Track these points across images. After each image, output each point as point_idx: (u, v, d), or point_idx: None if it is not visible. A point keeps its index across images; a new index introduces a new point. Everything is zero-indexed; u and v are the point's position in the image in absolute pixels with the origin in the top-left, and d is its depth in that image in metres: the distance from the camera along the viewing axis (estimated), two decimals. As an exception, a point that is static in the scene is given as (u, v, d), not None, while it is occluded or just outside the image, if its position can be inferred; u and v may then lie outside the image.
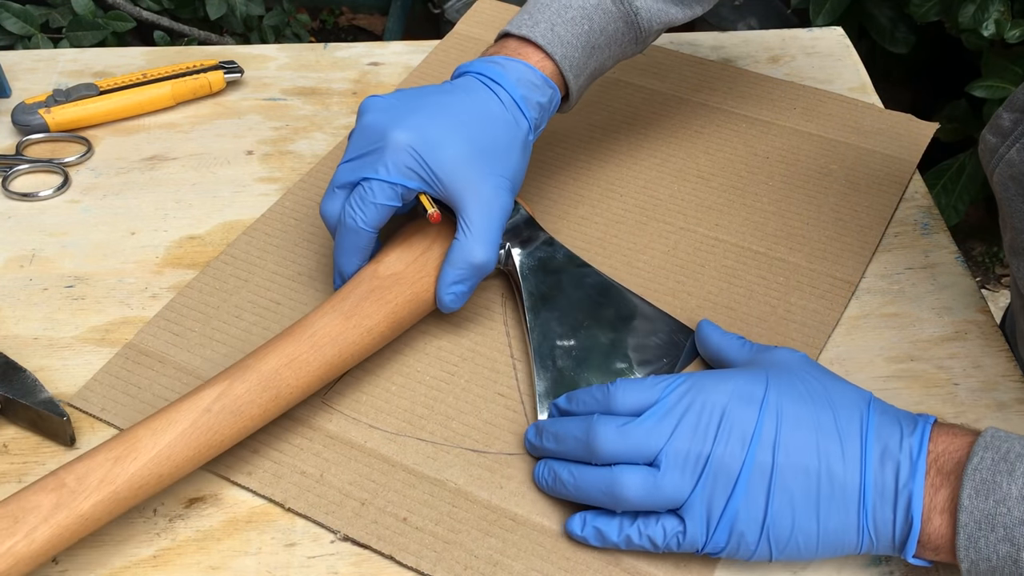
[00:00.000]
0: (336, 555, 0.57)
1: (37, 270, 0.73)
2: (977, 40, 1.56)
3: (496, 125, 0.66)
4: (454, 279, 0.64)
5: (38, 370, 0.66)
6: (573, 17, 0.69)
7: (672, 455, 0.54)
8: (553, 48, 0.68)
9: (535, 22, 0.69)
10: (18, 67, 0.91)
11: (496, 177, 0.65)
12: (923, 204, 0.80)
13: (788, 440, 0.54)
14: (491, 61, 0.68)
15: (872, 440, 0.54)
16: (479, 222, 0.64)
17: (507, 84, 0.67)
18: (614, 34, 0.71)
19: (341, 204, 0.65)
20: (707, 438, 0.54)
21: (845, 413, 0.55)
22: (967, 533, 0.50)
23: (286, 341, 0.60)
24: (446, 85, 0.68)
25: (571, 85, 0.70)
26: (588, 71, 0.71)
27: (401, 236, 0.68)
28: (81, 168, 0.82)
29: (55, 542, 0.52)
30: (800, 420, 0.54)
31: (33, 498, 0.52)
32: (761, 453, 0.53)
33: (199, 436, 0.56)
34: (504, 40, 0.71)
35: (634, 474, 0.54)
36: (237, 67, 0.89)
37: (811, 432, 0.54)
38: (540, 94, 0.68)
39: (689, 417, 0.54)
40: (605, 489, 0.55)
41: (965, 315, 0.71)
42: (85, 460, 0.54)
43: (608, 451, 0.55)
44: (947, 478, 0.52)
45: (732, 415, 0.54)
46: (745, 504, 0.53)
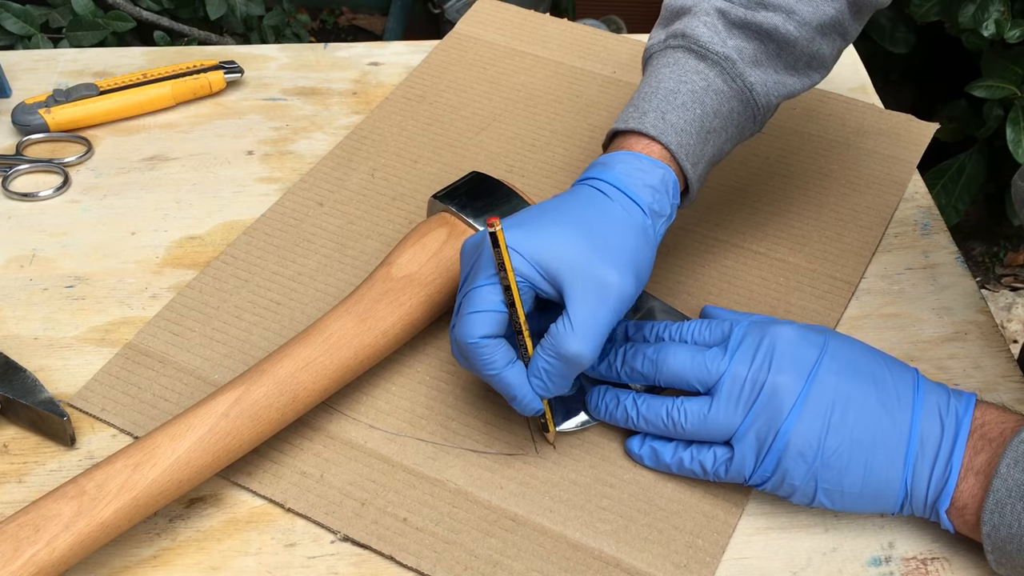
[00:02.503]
0: (336, 555, 0.57)
1: (37, 270, 0.73)
2: (977, 40, 1.56)
3: (603, 215, 0.59)
4: (543, 368, 0.57)
5: (38, 370, 0.66)
6: (683, 103, 0.63)
7: (729, 382, 0.56)
8: (667, 137, 0.62)
9: (642, 113, 0.63)
10: (18, 67, 0.91)
11: (604, 265, 0.57)
12: (923, 204, 0.80)
13: (845, 382, 0.56)
14: (596, 164, 0.63)
15: (922, 397, 0.56)
16: (580, 310, 0.56)
17: (610, 178, 0.61)
18: (729, 115, 0.65)
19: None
20: (765, 367, 0.56)
21: (898, 372, 0.57)
22: (996, 498, 0.52)
23: (301, 345, 0.61)
24: (554, 197, 0.62)
25: (689, 174, 0.63)
26: (706, 158, 0.65)
27: (413, 237, 0.67)
28: (81, 168, 0.82)
29: (76, 550, 0.52)
30: (858, 367, 0.57)
31: (54, 506, 0.52)
32: (818, 388, 0.55)
33: (217, 441, 0.56)
34: (613, 140, 0.65)
35: (691, 403, 0.57)
36: (237, 67, 0.89)
37: (868, 380, 0.56)
38: (650, 176, 0.61)
39: (749, 347, 0.57)
40: (666, 417, 0.58)
41: (965, 315, 0.71)
42: (104, 467, 0.54)
43: (674, 371, 0.58)
44: (989, 444, 0.54)
45: (794, 350, 0.57)
46: (796, 436, 0.55)
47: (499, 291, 0.57)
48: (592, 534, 0.58)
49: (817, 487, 0.55)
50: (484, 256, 0.58)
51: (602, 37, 0.96)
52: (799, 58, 0.67)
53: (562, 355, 0.56)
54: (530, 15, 0.98)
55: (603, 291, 0.56)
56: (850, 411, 0.55)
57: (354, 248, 0.75)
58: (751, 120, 0.67)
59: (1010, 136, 1.50)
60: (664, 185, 0.62)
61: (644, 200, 0.61)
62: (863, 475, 0.55)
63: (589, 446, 0.62)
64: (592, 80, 0.91)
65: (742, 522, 0.59)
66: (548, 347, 0.56)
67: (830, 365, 0.57)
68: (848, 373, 0.57)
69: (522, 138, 0.85)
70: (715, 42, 0.64)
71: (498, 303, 0.57)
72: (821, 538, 0.59)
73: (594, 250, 0.57)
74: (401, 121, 0.86)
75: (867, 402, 0.56)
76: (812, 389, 0.56)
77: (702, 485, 0.60)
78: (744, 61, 0.64)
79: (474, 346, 0.56)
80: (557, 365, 0.56)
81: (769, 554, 0.58)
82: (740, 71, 0.64)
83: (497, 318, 0.57)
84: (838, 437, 0.55)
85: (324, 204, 0.78)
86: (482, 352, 0.56)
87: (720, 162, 0.68)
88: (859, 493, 0.55)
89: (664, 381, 0.59)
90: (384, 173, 0.81)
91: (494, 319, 0.57)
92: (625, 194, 0.60)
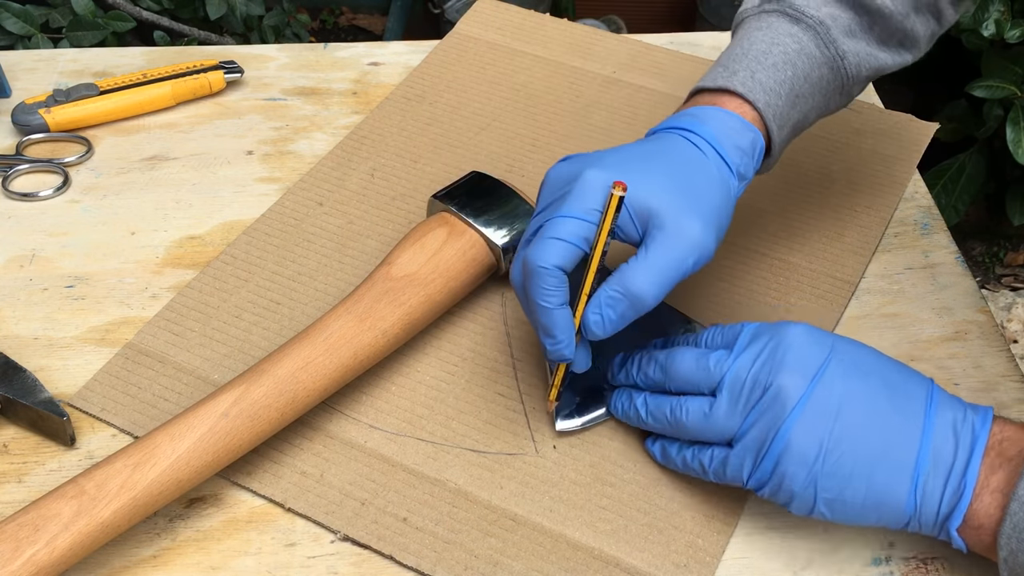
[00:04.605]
0: (336, 555, 0.57)
1: (37, 270, 0.73)
2: (977, 40, 1.56)
3: (693, 166, 0.59)
4: (604, 301, 0.56)
5: (38, 370, 0.66)
6: (774, 63, 0.63)
7: (731, 382, 0.55)
8: (755, 95, 0.62)
9: (731, 72, 0.63)
10: (18, 67, 0.91)
11: (691, 215, 0.56)
12: (923, 204, 0.80)
13: (854, 385, 0.54)
14: (685, 114, 0.62)
15: (936, 408, 0.53)
16: (658, 253, 0.56)
17: (703, 131, 0.60)
18: (819, 82, 0.64)
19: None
20: (769, 367, 0.54)
21: (913, 381, 0.55)
22: (1013, 522, 0.50)
23: (301, 344, 0.61)
24: (637, 141, 0.62)
25: (774, 136, 0.62)
26: (791, 122, 0.64)
27: (413, 237, 0.67)
28: (81, 168, 0.82)
29: (76, 550, 0.52)
30: (869, 370, 0.55)
31: (53, 506, 0.52)
32: (822, 390, 0.53)
33: (217, 441, 0.56)
34: (697, 96, 0.64)
35: (693, 402, 0.56)
36: (237, 67, 0.89)
37: (879, 384, 0.54)
38: (741, 138, 0.61)
39: (755, 348, 0.56)
40: (669, 415, 0.58)
41: (965, 315, 0.71)
42: (104, 467, 0.54)
43: (680, 373, 0.57)
44: (1008, 462, 0.52)
45: (801, 350, 0.55)
46: (797, 439, 0.53)
47: (589, 229, 0.56)
48: (592, 534, 0.58)
49: (817, 495, 0.53)
50: (581, 191, 0.57)
51: (602, 37, 0.96)
52: (892, 34, 0.66)
53: (629, 290, 0.55)
54: (530, 15, 0.98)
55: (685, 240, 0.56)
56: (857, 416, 0.53)
57: (354, 248, 0.75)
58: (839, 90, 0.66)
59: (1010, 136, 1.50)
60: (752, 149, 0.61)
61: (733, 161, 0.60)
62: (867, 485, 0.52)
63: (589, 446, 0.62)
64: (592, 80, 0.91)
65: (742, 522, 0.59)
66: (616, 281, 0.56)
67: (838, 367, 0.54)
68: (857, 376, 0.54)
69: (522, 138, 0.85)
70: (810, 6, 0.64)
71: (582, 240, 0.56)
72: (821, 538, 0.59)
73: (685, 199, 0.57)
74: (401, 121, 0.86)
75: (876, 408, 0.53)
76: (817, 390, 0.53)
77: (702, 485, 0.60)
78: (838, 28, 0.64)
79: (544, 272, 0.56)
80: (621, 301, 0.56)
81: (769, 554, 0.58)
82: (834, 37, 0.63)
83: (575, 253, 0.56)
84: (842, 443, 0.53)
85: (324, 204, 0.78)
86: (547, 281, 0.56)
87: (799, 133, 0.67)
88: (862, 504, 0.53)
89: (673, 385, 0.58)
90: (384, 173, 0.81)
91: (572, 253, 0.56)
92: (716, 151, 0.60)
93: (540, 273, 0.56)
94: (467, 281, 0.67)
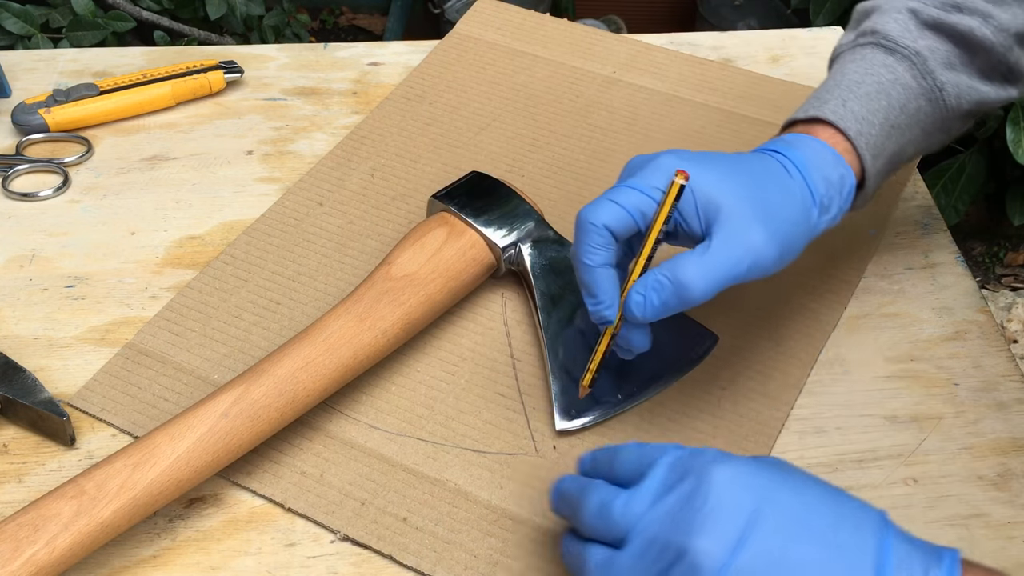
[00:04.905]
0: (336, 555, 0.57)
1: (37, 270, 0.73)
2: (977, 40, 1.56)
3: (773, 180, 0.57)
4: (651, 284, 0.55)
5: (38, 370, 0.66)
6: (867, 92, 0.61)
7: (637, 542, 0.46)
8: (846, 123, 0.60)
9: (823, 101, 0.62)
10: (18, 67, 0.91)
11: (757, 221, 0.55)
12: (923, 204, 0.80)
13: (790, 552, 0.43)
14: (776, 140, 0.61)
15: (891, 561, 0.43)
16: (717, 252, 0.54)
17: (792, 155, 0.59)
18: (916, 113, 0.62)
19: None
20: (683, 525, 0.44)
21: (864, 531, 0.44)
22: None
23: (301, 344, 0.61)
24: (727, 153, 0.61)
25: (867, 166, 0.61)
26: (887, 153, 0.62)
27: (413, 237, 0.67)
28: (81, 168, 0.82)
29: (76, 550, 0.52)
30: (810, 528, 0.44)
31: (53, 505, 0.52)
32: (747, 558, 0.43)
33: (217, 441, 0.56)
34: (789, 128, 0.63)
35: (596, 552, 0.48)
36: (237, 67, 0.89)
37: (820, 547, 0.43)
38: (830, 170, 0.59)
39: (669, 498, 0.46)
40: (575, 563, 0.50)
41: (965, 315, 0.71)
42: (104, 467, 0.54)
43: (587, 526, 0.49)
44: None
45: (723, 501, 0.44)
46: None
47: (647, 204, 0.56)
48: (592, 534, 0.58)
49: None
50: (651, 169, 0.57)
51: (602, 37, 0.96)
52: (995, 67, 0.64)
53: (677, 279, 0.54)
54: (530, 15, 0.98)
55: (745, 247, 0.55)
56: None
57: (354, 248, 0.75)
58: (939, 124, 0.63)
59: (1010, 136, 1.50)
60: (840, 183, 0.59)
61: (818, 190, 0.58)
62: None
63: (589, 446, 0.62)
64: (592, 80, 0.91)
65: (742, 522, 0.59)
66: (667, 267, 0.54)
67: (770, 524, 0.43)
68: (795, 536, 0.43)
69: (522, 138, 0.85)
70: (906, 38, 0.62)
71: (638, 211, 0.56)
72: (821, 538, 0.58)
73: (755, 206, 0.55)
74: (401, 121, 0.86)
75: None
76: (740, 559, 0.43)
77: (702, 485, 0.60)
78: (936, 60, 0.62)
79: (592, 228, 0.56)
80: (667, 286, 0.54)
81: (769, 554, 0.58)
82: (931, 68, 0.62)
83: (627, 220, 0.56)
84: None
85: (324, 204, 0.78)
86: (594, 238, 0.56)
87: (897, 168, 0.64)
88: None
89: (582, 529, 0.50)
90: (384, 173, 0.81)
91: (624, 218, 0.56)
92: (802, 176, 0.58)
93: (588, 229, 0.56)
94: (467, 281, 0.67)
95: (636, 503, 0.47)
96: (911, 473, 0.62)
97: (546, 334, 0.66)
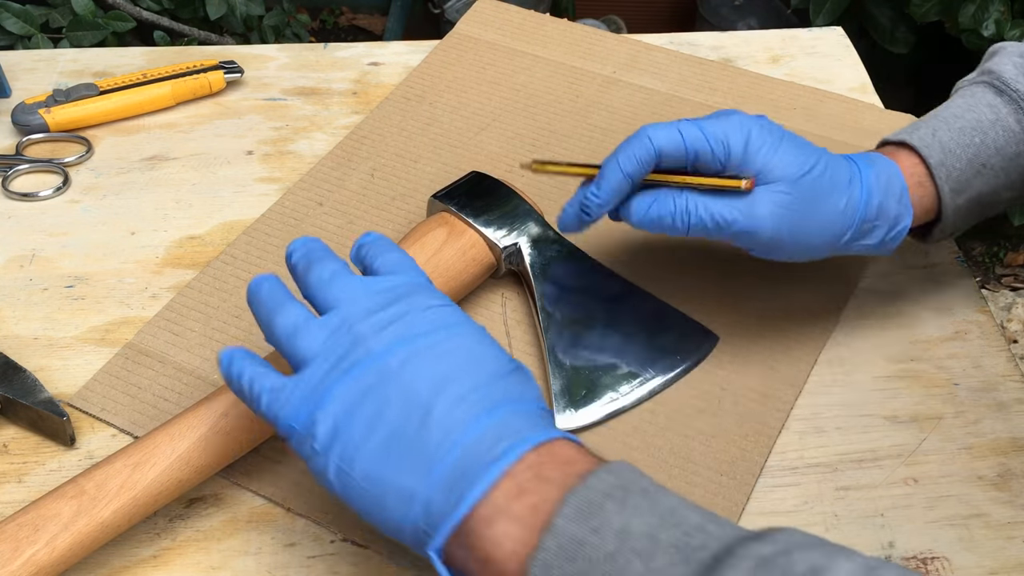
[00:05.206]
0: (336, 555, 0.57)
1: (37, 270, 0.73)
2: (977, 40, 1.56)
3: (831, 183, 0.59)
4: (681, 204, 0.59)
5: (38, 370, 0.66)
6: (962, 127, 0.61)
7: (337, 314, 0.50)
8: (929, 152, 0.60)
9: (916, 128, 0.62)
10: (18, 67, 0.91)
11: (775, 205, 0.58)
12: (923, 204, 0.80)
13: (421, 364, 0.47)
14: (863, 154, 0.62)
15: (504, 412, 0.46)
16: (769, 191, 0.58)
17: (864, 171, 0.60)
18: (1015, 158, 0.61)
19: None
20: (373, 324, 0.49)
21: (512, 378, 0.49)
22: (544, 559, 0.41)
23: None
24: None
25: (945, 199, 0.61)
26: (971, 192, 0.61)
27: (413, 237, 0.67)
28: (81, 168, 0.82)
29: (76, 550, 0.52)
30: (448, 352, 0.48)
31: (53, 505, 0.52)
32: (395, 357, 0.47)
33: (217, 441, 0.56)
34: (880, 148, 0.65)
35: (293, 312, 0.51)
36: (237, 67, 0.89)
37: (449, 365, 0.47)
38: (891, 201, 0.60)
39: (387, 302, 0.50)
40: (267, 311, 0.51)
41: (965, 315, 0.71)
42: (104, 467, 0.54)
43: (274, 341, 0.51)
44: (546, 484, 0.44)
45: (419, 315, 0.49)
46: (341, 396, 0.47)
47: (707, 153, 0.58)
48: (592, 534, 0.58)
49: (330, 467, 0.47)
50: (737, 128, 0.58)
51: (602, 37, 0.96)
52: None
53: (731, 217, 0.58)
54: (530, 15, 0.98)
55: (743, 211, 0.58)
56: (407, 401, 0.46)
57: (354, 248, 0.74)
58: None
59: (1010, 136, 1.50)
60: (895, 220, 0.61)
61: (867, 213, 0.60)
62: (393, 484, 0.45)
63: (589, 445, 0.62)
64: (592, 80, 0.91)
65: (742, 522, 0.59)
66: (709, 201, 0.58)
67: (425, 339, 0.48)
68: (433, 354, 0.48)
69: (522, 138, 0.85)
70: (1019, 81, 0.62)
71: (694, 152, 0.58)
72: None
73: (790, 198, 0.58)
74: (401, 121, 0.86)
75: (425, 395, 0.46)
76: (393, 355, 0.47)
77: (701, 486, 0.60)
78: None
79: (646, 144, 0.58)
80: (733, 213, 0.58)
81: (769, 554, 0.58)
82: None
83: (680, 155, 0.58)
84: (377, 420, 0.46)
85: (324, 204, 0.78)
86: (640, 152, 0.58)
87: (990, 212, 0.64)
88: (379, 502, 0.45)
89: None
90: (384, 173, 0.81)
91: (679, 153, 0.58)
92: (862, 193, 0.59)
93: (643, 143, 0.58)
94: (467, 281, 0.67)
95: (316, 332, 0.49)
96: (911, 473, 0.62)
97: (546, 334, 0.66)
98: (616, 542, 0.40)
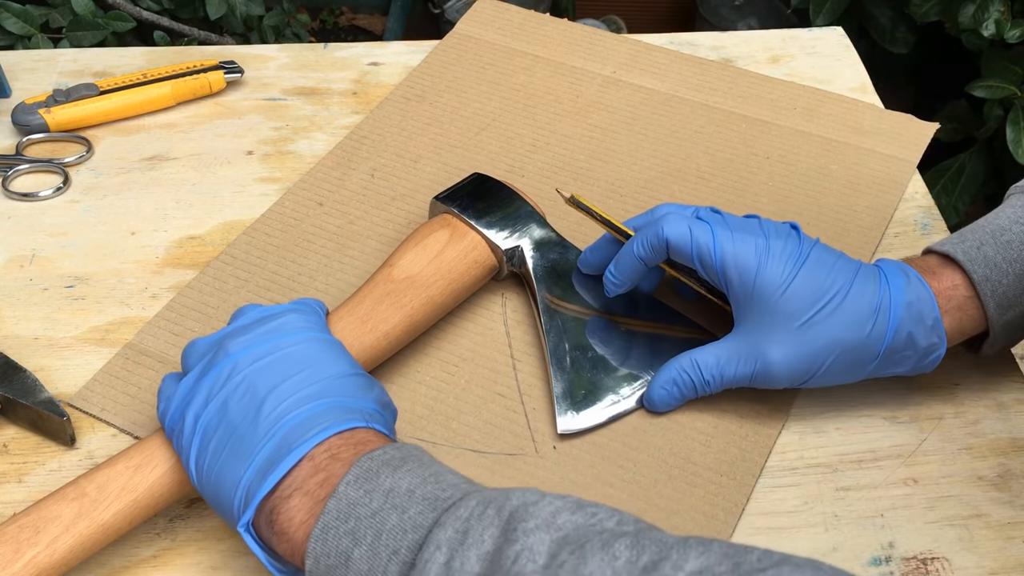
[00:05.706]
0: (336, 555, 0.57)
1: (37, 270, 0.73)
2: (977, 40, 1.56)
3: (856, 296, 0.58)
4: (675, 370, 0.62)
5: (38, 370, 0.66)
6: (1009, 240, 0.58)
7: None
8: (973, 266, 0.58)
9: (963, 239, 0.60)
10: (18, 67, 0.91)
11: (782, 345, 0.59)
12: (923, 204, 0.80)
13: (267, 366, 0.53)
14: (901, 269, 0.60)
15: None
16: (725, 345, 0.61)
17: (895, 286, 0.59)
18: None
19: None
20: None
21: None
22: (325, 522, 0.46)
23: None
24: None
25: (991, 315, 0.58)
26: (1021, 307, 0.59)
27: (415, 239, 0.67)
28: (81, 168, 0.82)
29: (77, 552, 0.52)
30: (291, 356, 0.53)
31: (54, 507, 0.52)
32: (247, 358, 0.53)
33: None
34: (925, 256, 0.63)
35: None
36: (237, 67, 0.89)
37: (291, 367, 0.53)
38: (920, 328, 0.59)
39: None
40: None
41: (965, 315, 0.71)
42: (105, 469, 0.54)
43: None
44: (336, 462, 0.49)
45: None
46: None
47: (710, 258, 0.60)
48: (592, 534, 0.58)
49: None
50: (747, 238, 0.60)
51: (602, 37, 0.96)
52: None
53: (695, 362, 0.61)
54: (530, 15, 0.98)
55: (755, 359, 0.60)
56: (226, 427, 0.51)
57: (354, 248, 0.75)
58: None
59: (1010, 136, 1.50)
60: (925, 351, 0.60)
61: (894, 344, 0.59)
62: (226, 480, 0.50)
63: (589, 446, 0.62)
64: (592, 80, 0.91)
65: (742, 522, 0.59)
66: (687, 357, 0.62)
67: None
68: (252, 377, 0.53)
69: (522, 138, 0.85)
70: None
71: (697, 252, 0.60)
72: (821, 538, 0.59)
73: (799, 331, 0.58)
74: (401, 121, 0.86)
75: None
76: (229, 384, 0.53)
77: (701, 486, 0.60)
78: None
79: (657, 237, 0.61)
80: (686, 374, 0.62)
81: (769, 554, 0.58)
82: None
83: (686, 253, 0.61)
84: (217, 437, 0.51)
85: (324, 204, 0.78)
86: (653, 241, 0.61)
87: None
88: (221, 495, 0.51)
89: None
90: (384, 173, 0.81)
91: (685, 250, 0.61)
92: (889, 321, 0.58)
93: (657, 234, 0.61)
94: (469, 283, 0.67)
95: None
96: (911, 473, 0.62)
97: (548, 336, 0.66)
98: (381, 500, 0.46)
